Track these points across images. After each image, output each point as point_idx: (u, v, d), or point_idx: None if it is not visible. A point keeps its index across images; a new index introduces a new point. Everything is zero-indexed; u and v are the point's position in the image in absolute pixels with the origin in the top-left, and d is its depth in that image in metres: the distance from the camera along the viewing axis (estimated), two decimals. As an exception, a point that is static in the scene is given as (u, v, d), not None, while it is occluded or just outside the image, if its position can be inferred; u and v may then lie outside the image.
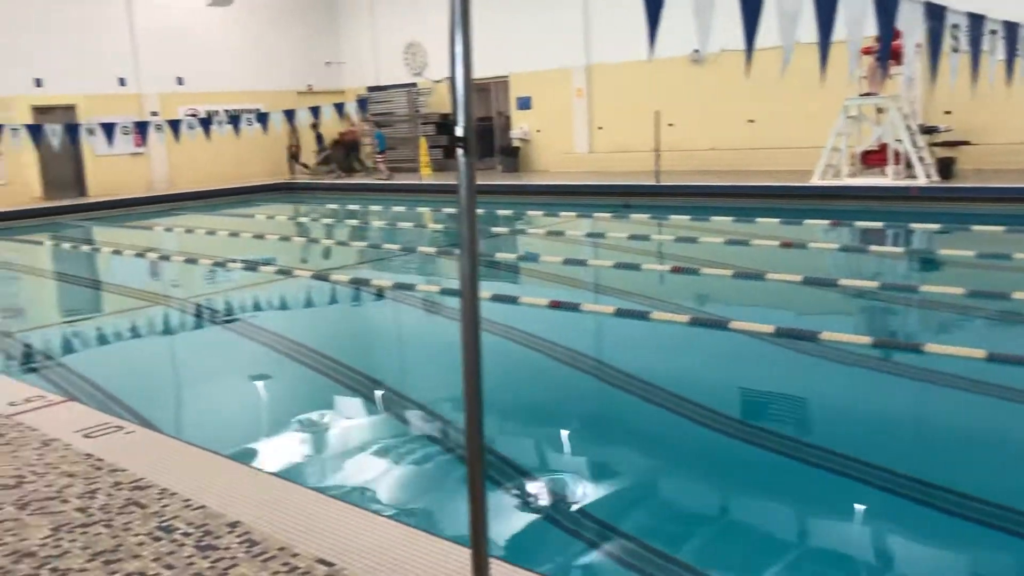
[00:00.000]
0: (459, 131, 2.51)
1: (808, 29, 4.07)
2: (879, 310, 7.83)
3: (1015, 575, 3.50)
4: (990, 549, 3.64)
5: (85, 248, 14.39)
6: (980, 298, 7.47)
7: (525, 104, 21.19)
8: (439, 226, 14.76)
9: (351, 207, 18.15)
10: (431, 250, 11.91)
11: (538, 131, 21.00)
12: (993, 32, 6.16)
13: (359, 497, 4.17)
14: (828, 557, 3.61)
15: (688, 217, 12.86)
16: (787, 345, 6.33)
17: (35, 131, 14.31)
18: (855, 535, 3.82)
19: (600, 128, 19.83)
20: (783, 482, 4.33)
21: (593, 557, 3.59)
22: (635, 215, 13.69)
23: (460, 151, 2.51)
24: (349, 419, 5.58)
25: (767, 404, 5.54)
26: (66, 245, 14.66)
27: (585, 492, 4.22)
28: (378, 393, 6.01)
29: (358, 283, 9.64)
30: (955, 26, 5.76)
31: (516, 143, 21.23)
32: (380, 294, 9.19)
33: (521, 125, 21.25)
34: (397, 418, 5.52)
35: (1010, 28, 6.22)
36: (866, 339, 6.29)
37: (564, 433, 5.14)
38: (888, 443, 4.74)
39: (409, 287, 9.17)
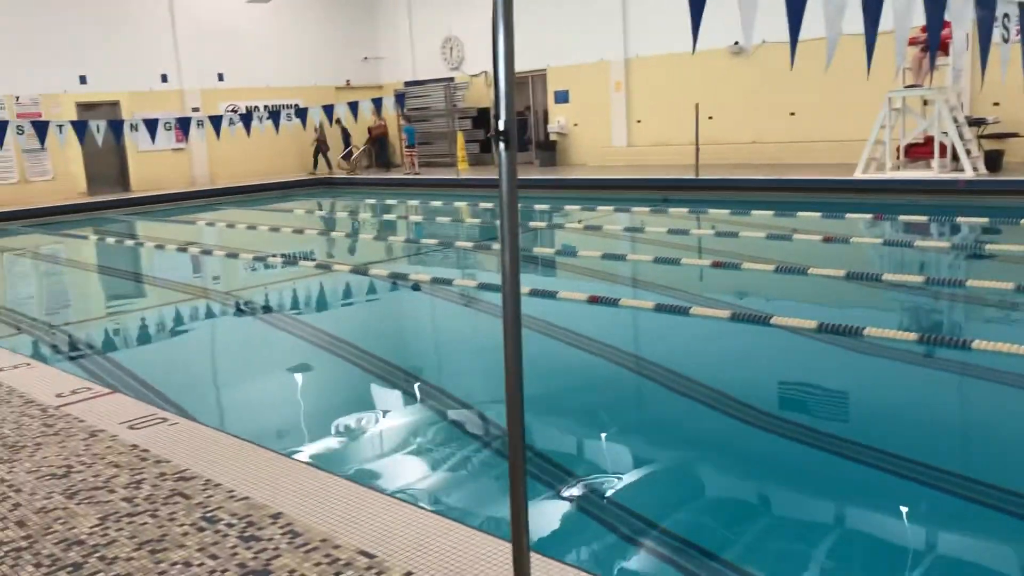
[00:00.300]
0: (500, 125, 2.50)
1: (850, 20, 3.99)
2: (925, 306, 7.69)
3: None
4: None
5: (129, 242, 14.63)
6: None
7: (563, 97, 21.12)
8: (476, 220, 14.77)
9: (388, 202, 18.23)
10: (468, 245, 11.93)
11: (575, 125, 20.93)
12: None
13: (399, 489, 4.19)
14: (875, 555, 3.56)
15: (728, 211, 12.73)
16: (830, 341, 6.24)
17: (80, 127, 14.55)
18: (902, 533, 3.76)
19: (639, 121, 19.71)
20: (828, 480, 4.28)
21: (633, 553, 3.58)
22: (674, 209, 13.60)
23: (501, 145, 2.50)
24: (389, 413, 5.61)
25: (809, 401, 5.47)
26: (110, 239, 14.91)
27: (624, 488, 4.20)
28: (418, 387, 6.04)
29: (396, 277, 9.68)
30: (1006, 15, 5.63)
31: (553, 137, 21.18)
32: (418, 288, 9.23)
33: (559, 119, 21.19)
34: (437, 412, 5.54)
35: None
36: (912, 336, 6.19)
37: (604, 429, 5.12)
38: (935, 441, 4.66)
39: (447, 282, 9.19)
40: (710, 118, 17.05)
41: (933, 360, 5.99)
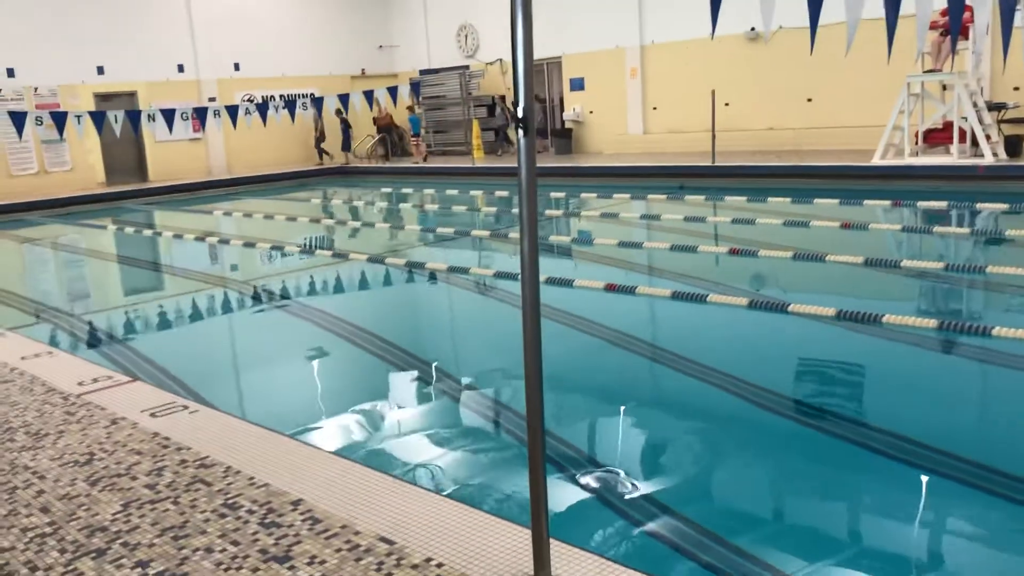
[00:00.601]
0: (519, 111, 2.49)
1: (868, 5, 3.95)
2: (944, 293, 7.64)
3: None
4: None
5: (147, 232, 14.72)
6: (1051, 280, 7.25)
7: (578, 85, 21.05)
8: (492, 209, 14.77)
9: (404, 190, 18.26)
10: (485, 233, 11.93)
11: (591, 112, 20.85)
12: (1068, 4, 5.92)
13: (419, 476, 4.21)
14: (890, 544, 3.55)
15: (745, 198, 12.67)
16: (849, 328, 6.21)
17: (98, 118, 14.63)
18: (917, 521, 3.74)
19: (654, 108, 19.61)
20: (846, 468, 4.26)
21: (651, 539, 3.58)
22: (691, 196, 13.54)
23: (520, 131, 2.50)
24: (407, 400, 5.63)
25: (828, 389, 5.45)
26: (129, 229, 15.00)
27: (642, 474, 4.20)
28: (436, 375, 6.05)
29: (413, 266, 9.70)
30: (1028, -2, 5.55)
31: (569, 124, 21.12)
32: (435, 277, 9.25)
33: (574, 106, 21.13)
34: (455, 399, 5.56)
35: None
36: (931, 322, 6.15)
37: (621, 416, 5.12)
38: (954, 429, 4.64)
39: (463, 270, 9.20)
40: (726, 104, 16.95)
41: (953, 347, 5.95)
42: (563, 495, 3.95)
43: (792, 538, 3.61)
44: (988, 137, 12.66)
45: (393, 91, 16.29)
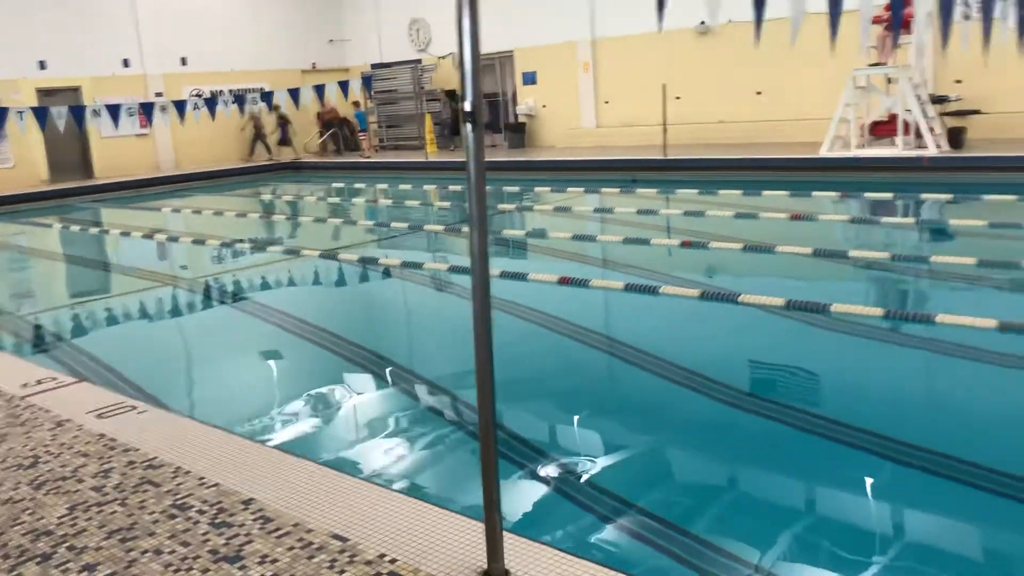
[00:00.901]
0: (467, 106, 2.49)
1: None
2: (890, 281, 7.80)
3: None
4: (1005, 520, 3.64)
5: (93, 230, 14.41)
6: (991, 267, 7.43)
7: (531, 79, 21.05)
8: (445, 204, 14.73)
9: (357, 185, 18.12)
10: (438, 228, 11.89)
11: (544, 106, 20.88)
12: (1005, -1, 6.06)
13: (371, 473, 4.19)
14: (842, 530, 3.62)
15: (696, 191, 12.79)
16: (798, 318, 6.31)
17: (41, 113, 14.26)
18: (868, 508, 3.82)
19: (606, 102, 19.70)
20: (796, 455, 4.34)
21: (605, 531, 3.61)
22: (643, 190, 13.64)
23: (468, 126, 2.49)
24: (360, 396, 5.60)
25: (778, 377, 5.53)
26: (74, 227, 14.68)
27: (595, 466, 4.23)
28: (388, 370, 6.03)
29: (366, 262, 9.64)
30: (966, -7, 5.69)
31: (522, 119, 21.12)
32: (388, 272, 9.20)
33: (527, 100, 21.13)
34: (407, 395, 5.54)
35: (1022, -6, 6.12)
36: (877, 311, 6.27)
37: (575, 409, 5.15)
38: (900, 415, 4.74)
39: (417, 265, 9.17)
40: (677, 98, 17.08)
41: (898, 335, 6.08)
42: (517, 490, 3.96)
43: (747, 526, 3.66)
44: (932, 129, 12.94)
45: (344, 85, 16.12)
